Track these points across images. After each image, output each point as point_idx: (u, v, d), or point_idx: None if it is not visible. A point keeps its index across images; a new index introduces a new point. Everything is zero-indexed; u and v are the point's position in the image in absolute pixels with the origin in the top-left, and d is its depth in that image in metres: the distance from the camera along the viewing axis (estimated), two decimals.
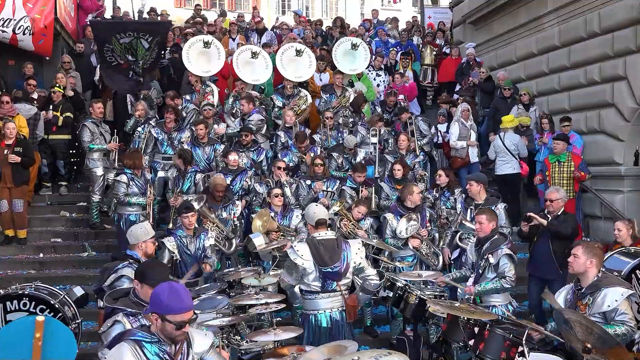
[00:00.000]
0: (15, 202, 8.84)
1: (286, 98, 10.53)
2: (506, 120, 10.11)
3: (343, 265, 5.16)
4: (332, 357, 3.76)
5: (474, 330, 4.73)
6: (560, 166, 9.11)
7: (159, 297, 3.25)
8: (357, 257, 5.26)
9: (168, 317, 3.21)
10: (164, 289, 3.30)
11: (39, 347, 5.23)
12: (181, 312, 3.24)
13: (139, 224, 5.76)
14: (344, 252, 5.19)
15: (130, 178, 8.04)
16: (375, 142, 9.51)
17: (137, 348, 3.20)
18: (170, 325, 3.22)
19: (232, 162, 8.39)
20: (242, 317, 5.53)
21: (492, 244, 5.77)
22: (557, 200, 6.85)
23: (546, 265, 6.89)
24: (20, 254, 9.02)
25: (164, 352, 3.26)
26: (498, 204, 7.32)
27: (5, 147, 8.72)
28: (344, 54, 11.53)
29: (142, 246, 5.28)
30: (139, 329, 3.31)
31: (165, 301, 3.23)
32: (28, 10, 11.01)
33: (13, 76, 11.29)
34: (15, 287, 6.06)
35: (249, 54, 11.00)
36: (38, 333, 5.23)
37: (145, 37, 10.25)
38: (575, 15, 10.37)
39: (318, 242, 5.19)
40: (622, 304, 4.51)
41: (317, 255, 5.11)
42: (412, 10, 32.92)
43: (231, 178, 8.30)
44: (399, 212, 7.30)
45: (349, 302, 5.24)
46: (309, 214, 5.45)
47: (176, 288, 3.34)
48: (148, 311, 3.30)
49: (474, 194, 7.37)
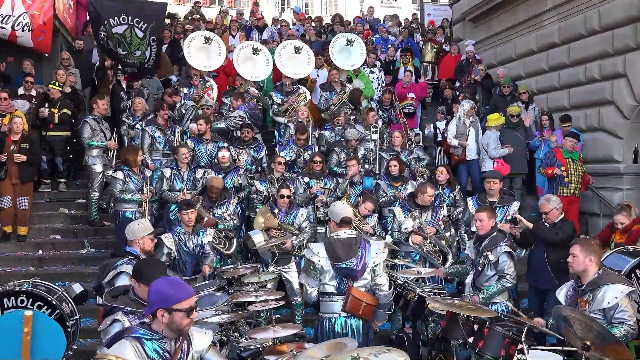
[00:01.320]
0: (19, 200, 8.84)
1: (285, 95, 10.52)
2: (491, 119, 10.09)
3: (360, 263, 4.97)
4: (331, 354, 3.76)
5: (473, 327, 4.74)
6: (575, 164, 9.11)
7: (160, 291, 3.25)
8: (378, 258, 5.08)
9: (176, 307, 3.22)
10: (162, 282, 3.32)
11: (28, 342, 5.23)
12: (187, 298, 3.27)
13: (137, 220, 5.75)
14: (362, 250, 5.01)
15: (126, 175, 8.01)
16: (375, 139, 9.51)
17: (138, 345, 3.20)
18: (179, 314, 3.23)
19: (222, 159, 8.32)
20: (241, 314, 5.53)
21: (491, 241, 5.77)
22: (552, 210, 6.55)
23: (541, 274, 6.60)
24: (19, 250, 9.00)
25: (163, 350, 3.27)
26: (513, 203, 7.35)
27: (12, 142, 8.72)
28: (340, 50, 11.53)
29: (140, 242, 5.24)
30: (139, 327, 3.30)
31: (169, 292, 3.25)
32: (27, 6, 10.99)
33: (12, 73, 11.27)
34: (13, 284, 6.00)
35: (250, 50, 10.99)
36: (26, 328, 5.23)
37: (140, 25, 10.19)
38: (574, 12, 10.37)
39: (335, 240, 5.08)
40: (622, 301, 4.49)
41: (332, 251, 4.98)
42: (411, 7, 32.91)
43: (222, 175, 8.22)
44: (408, 208, 7.32)
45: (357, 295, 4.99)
46: (334, 210, 5.28)
47: (173, 278, 3.39)
48: (152, 309, 3.27)
49: (495, 192, 7.36)
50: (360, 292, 5.02)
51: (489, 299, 5.71)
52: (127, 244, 5.40)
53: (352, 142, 9.15)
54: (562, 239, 6.37)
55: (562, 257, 6.24)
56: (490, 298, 5.72)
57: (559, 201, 6.79)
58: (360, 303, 5.00)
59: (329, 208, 5.62)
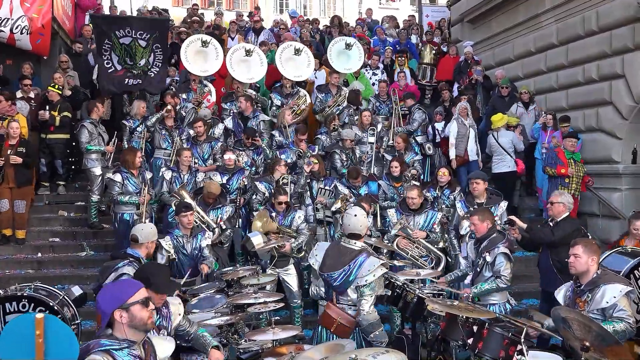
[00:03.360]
0: (17, 203, 8.84)
1: (285, 97, 10.53)
2: (495, 120, 10.11)
3: (341, 278, 4.71)
4: (329, 356, 3.76)
5: (472, 328, 4.73)
6: (576, 164, 9.13)
7: (109, 295, 3.23)
8: (370, 276, 4.70)
9: (130, 301, 3.17)
10: (106, 288, 3.35)
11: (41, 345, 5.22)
12: (138, 290, 3.23)
13: (149, 224, 5.75)
14: (351, 265, 4.70)
15: (125, 177, 8.02)
16: (372, 142, 9.51)
17: (109, 357, 3.10)
18: (136, 307, 3.17)
19: (227, 162, 8.37)
20: (241, 316, 5.53)
21: (490, 243, 5.79)
22: (558, 204, 6.42)
23: (548, 276, 6.51)
24: (18, 253, 9.00)
25: (134, 356, 3.19)
26: (500, 203, 7.34)
27: (9, 147, 8.72)
28: (339, 53, 11.54)
29: (149, 246, 5.31)
30: (104, 338, 3.18)
31: (117, 291, 3.23)
32: (25, 9, 10.97)
33: (11, 75, 11.26)
34: (15, 288, 6.00)
35: (242, 52, 10.97)
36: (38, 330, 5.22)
37: (143, 36, 10.23)
38: (573, 13, 10.38)
39: (336, 246, 4.96)
40: (620, 301, 4.49)
41: (325, 257, 4.88)
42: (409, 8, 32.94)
43: (227, 177, 8.29)
44: (400, 211, 7.35)
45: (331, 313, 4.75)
46: (346, 219, 4.99)
47: (117, 281, 3.33)
48: (108, 315, 3.18)
49: (480, 193, 7.36)
50: (337, 310, 4.79)
51: (480, 294, 5.74)
52: (130, 246, 5.42)
53: (347, 142, 9.16)
54: (560, 238, 6.29)
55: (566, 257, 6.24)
56: (481, 294, 5.75)
57: (572, 201, 6.64)
58: (333, 321, 4.76)
59: (346, 211, 5.35)
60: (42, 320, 5.22)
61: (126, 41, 10.16)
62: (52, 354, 5.29)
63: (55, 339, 5.30)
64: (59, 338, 5.32)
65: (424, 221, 7.32)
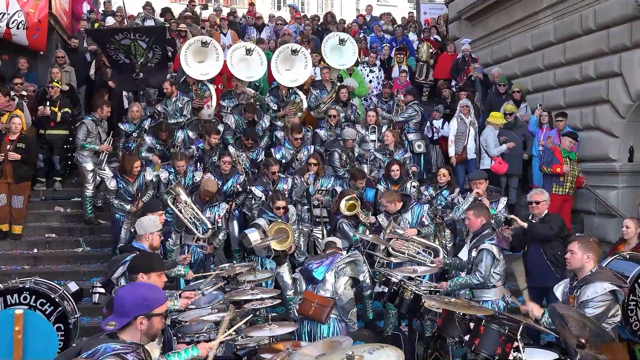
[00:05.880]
0: (14, 198, 8.84)
1: (280, 101, 10.44)
2: (494, 116, 10.11)
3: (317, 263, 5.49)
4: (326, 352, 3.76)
5: (469, 325, 4.75)
6: (572, 163, 9.14)
7: (142, 296, 3.25)
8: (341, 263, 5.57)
9: (155, 311, 3.23)
10: (142, 287, 3.38)
11: (20, 340, 5.21)
12: (165, 301, 3.35)
13: (148, 216, 5.78)
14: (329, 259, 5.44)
15: (120, 185, 8.06)
16: (374, 140, 9.49)
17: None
18: (157, 319, 3.25)
19: (224, 166, 8.32)
20: (238, 312, 5.52)
21: (479, 239, 5.83)
22: (543, 202, 6.72)
23: (542, 272, 6.57)
24: (14, 249, 8.98)
25: (140, 359, 3.19)
26: (500, 198, 7.41)
27: (9, 142, 8.70)
28: (332, 49, 11.50)
29: (149, 238, 5.39)
30: (110, 341, 3.17)
31: (151, 295, 3.27)
32: (22, 4, 10.93)
33: (7, 71, 11.21)
34: (15, 281, 6.02)
35: (243, 51, 10.91)
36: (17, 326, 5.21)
37: (142, 38, 10.20)
38: (570, 11, 10.38)
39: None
40: (600, 297, 4.41)
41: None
42: (407, 5, 32.88)
43: (222, 182, 8.23)
44: (388, 215, 7.35)
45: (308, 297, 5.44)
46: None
47: (147, 283, 3.50)
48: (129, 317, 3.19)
49: (484, 192, 7.38)
50: (313, 294, 5.43)
51: (454, 289, 5.82)
52: (135, 239, 5.50)
53: (349, 142, 9.14)
54: (556, 232, 6.52)
55: (559, 251, 6.28)
56: (454, 288, 5.82)
57: (548, 198, 6.98)
58: (311, 305, 5.31)
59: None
60: (22, 316, 5.23)
61: (126, 42, 10.15)
62: (32, 350, 5.29)
63: (34, 335, 5.31)
64: (39, 334, 5.33)
65: (412, 217, 7.33)
